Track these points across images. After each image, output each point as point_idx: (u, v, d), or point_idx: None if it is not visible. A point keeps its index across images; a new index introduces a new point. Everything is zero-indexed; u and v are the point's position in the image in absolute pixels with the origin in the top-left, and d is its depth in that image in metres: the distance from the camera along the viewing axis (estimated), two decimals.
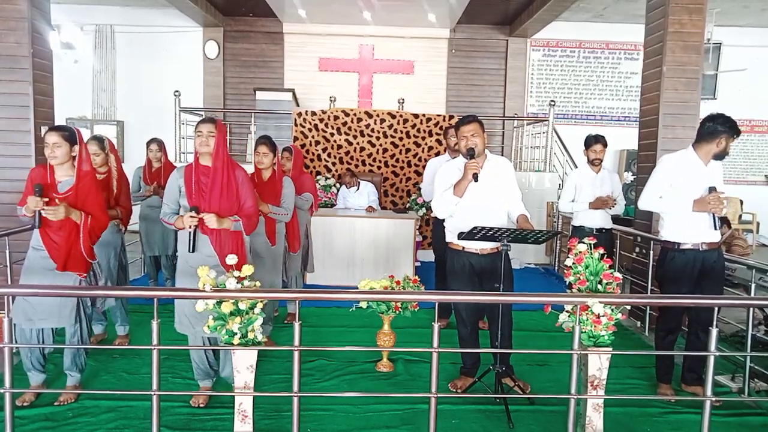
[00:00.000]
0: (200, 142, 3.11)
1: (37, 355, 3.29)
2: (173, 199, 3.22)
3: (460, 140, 3.39)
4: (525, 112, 10.51)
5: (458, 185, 3.31)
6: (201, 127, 3.12)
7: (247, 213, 3.22)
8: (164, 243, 5.35)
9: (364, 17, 9.34)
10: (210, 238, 3.15)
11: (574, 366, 2.65)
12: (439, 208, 3.45)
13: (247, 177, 3.29)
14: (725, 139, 3.35)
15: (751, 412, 3.40)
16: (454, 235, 3.41)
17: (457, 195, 3.32)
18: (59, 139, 3.12)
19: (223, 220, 3.11)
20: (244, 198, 3.23)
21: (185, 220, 3.06)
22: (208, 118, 3.21)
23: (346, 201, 6.74)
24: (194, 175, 3.15)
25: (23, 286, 3.16)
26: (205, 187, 3.13)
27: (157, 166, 5.31)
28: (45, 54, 4.75)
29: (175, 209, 3.23)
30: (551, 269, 7.40)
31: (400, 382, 3.70)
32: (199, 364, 3.30)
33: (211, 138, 3.10)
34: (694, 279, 3.44)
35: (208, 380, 3.36)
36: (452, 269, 3.51)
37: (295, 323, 2.61)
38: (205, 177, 3.15)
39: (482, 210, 3.36)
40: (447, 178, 3.45)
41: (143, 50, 10.18)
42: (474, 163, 3.25)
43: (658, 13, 4.99)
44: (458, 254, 3.46)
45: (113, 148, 4.05)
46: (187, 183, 3.16)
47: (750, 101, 10.32)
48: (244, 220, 3.20)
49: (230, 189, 3.17)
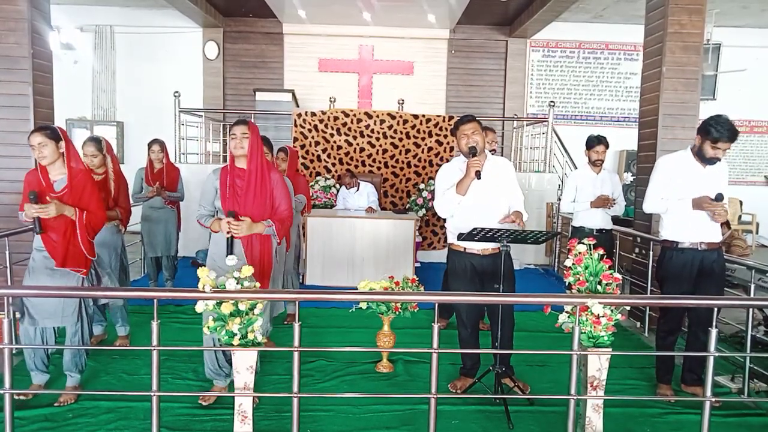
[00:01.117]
0: (234, 144, 3.13)
1: (40, 355, 3.31)
2: (209, 201, 3.24)
3: (461, 139, 3.39)
4: (525, 112, 10.51)
5: (461, 183, 3.31)
6: (235, 129, 3.14)
7: (280, 216, 3.24)
8: (166, 244, 5.36)
9: (364, 18, 9.34)
10: (242, 241, 3.17)
11: (574, 366, 2.65)
12: (441, 207, 3.45)
13: (282, 180, 3.30)
14: (699, 138, 3.33)
15: (751, 413, 3.40)
16: (455, 236, 3.42)
17: (460, 193, 3.32)
18: (43, 138, 3.12)
19: (254, 225, 3.12)
20: (278, 201, 3.24)
21: (223, 225, 3.08)
22: (242, 120, 3.22)
23: (346, 202, 6.74)
24: (230, 178, 3.16)
25: (26, 287, 3.17)
26: (240, 190, 3.15)
27: (158, 166, 5.31)
28: (45, 54, 4.75)
29: (212, 211, 3.26)
30: (551, 270, 7.40)
31: (400, 382, 3.70)
32: (209, 363, 3.31)
33: (245, 140, 3.12)
34: (693, 278, 3.43)
35: (221, 380, 3.35)
36: (454, 270, 3.51)
37: (295, 324, 2.61)
38: (240, 179, 3.16)
39: (484, 209, 3.36)
40: (448, 178, 3.45)
41: (143, 51, 10.18)
42: (476, 160, 3.26)
43: (657, 14, 5.00)
44: (460, 255, 3.45)
45: (110, 149, 4.06)
46: (222, 185, 3.18)
47: (749, 102, 10.33)
48: (277, 224, 3.21)
49: (264, 192, 3.19)
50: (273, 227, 3.20)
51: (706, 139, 3.28)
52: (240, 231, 3.07)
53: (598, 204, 4.74)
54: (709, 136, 3.26)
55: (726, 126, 3.23)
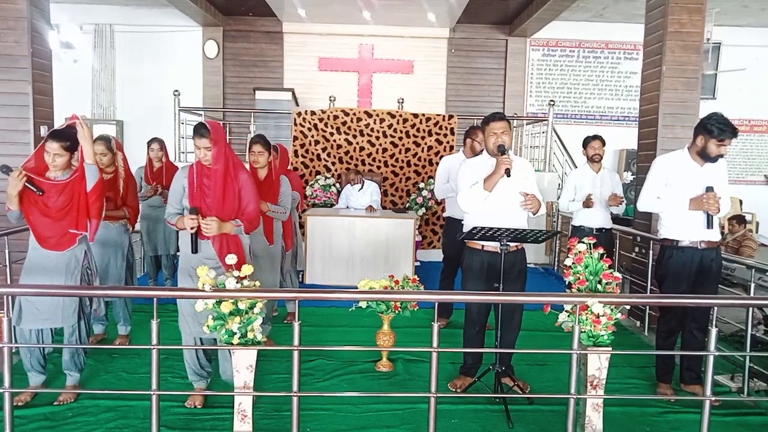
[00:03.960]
0: (200, 155, 3.09)
1: (37, 355, 3.29)
2: (177, 200, 3.21)
3: (489, 137, 3.36)
4: (524, 111, 10.51)
5: (489, 179, 3.29)
6: (197, 141, 3.07)
7: (248, 217, 3.21)
8: (166, 243, 5.35)
9: (364, 17, 9.34)
10: (213, 241, 3.14)
11: (574, 366, 2.65)
12: (467, 202, 3.39)
13: (250, 179, 3.26)
14: (703, 138, 3.33)
15: (751, 412, 3.40)
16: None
17: (488, 189, 3.30)
18: (60, 150, 3.13)
19: (223, 225, 3.10)
20: (246, 201, 3.21)
21: (186, 222, 3.05)
22: (203, 130, 3.05)
23: (349, 199, 6.72)
24: (197, 176, 3.14)
25: (24, 286, 3.16)
26: (207, 189, 3.13)
27: (158, 165, 5.31)
28: (44, 53, 4.75)
29: (179, 209, 3.21)
30: (551, 269, 7.40)
31: (400, 381, 3.70)
32: (191, 364, 3.29)
33: (208, 152, 3.07)
34: (693, 277, 3.44)
35: (202, 381, 3.34)
36: (470, 267, 3.48)
37: (295, 323, 2.61)
38: (207, 179, 3.13)
39: (506, 207, 3.35)
40: (474, 174, 3.41)
41: (143, 50, 10.18)
42: (507, 158, 3.24)
43: (657, 13, 4.99)
44: (476, 253, 3.43)
45: (120, 148, 4.05)
46: (189, 183, 3.15)
47: (749, 101, 10.33)
48: (245, 224, 3.19)
49: (232, 191, 3.16)
50: (242, 227, 3.17)
51: (711, 138, 3.28)
52: (210, 230, 3.05)
53: (586, 204, 4.75)
54: (713, 135, 3.27)
55: (727, 122, 3.26)
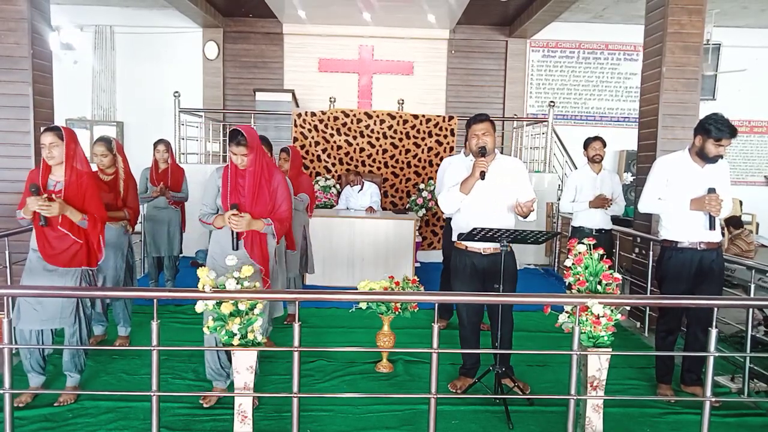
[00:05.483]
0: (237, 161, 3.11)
1: (36, 356, 3.29)
2: (212, 199, 3.24)
3: (471, 138, 3.39)
4: (524, 112, 10.51)
5: (465, 182, 3.32)
6: (234, 149, 3.08)
7: (279, 216, 3.23)
8: (170, 244, 5.35)
9: (364, 18, 9.34)
10: (244, 240, 3.16)
11: (574, 366, 2.65)
12: (445, 203, 3.45)
13: (284, 181, 3.30)
14: (701, 138, 3.33)
15: (751, 413, 3.40)
16: (457, 234, 3.43)
17: (463, 192, 3.33)
18: (55, 139, 3.11)
19: (254, 222, 3.11)
20: (279, 201, 3.24)
21: (226, 218, 3.07)
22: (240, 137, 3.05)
23: (349, 201, 6.73)
24: (232, 176, 3.16)
25: (24, 287, 3.16)
26: (242, 189, 3.15)
27: (164, 167, 5.31)
28: (45, 55, 4.75)
29: (214, 209, 3.25)
30: (551, 270, 7.40)
31: (400, 382, 3.70)
32: (211, 363, 3.31)
33: (245, 158, 3.10)
34: (692, 278, 3.44)
35: (221, 381, 3.34)
36: (456, 268, 3.51)
37: (295, 324, 2.61)
38: (242, 179, 3.16)
39: (486, 209, 3.36)
40: (456, 175, 3.45)
41: (143, 51, 10.18)
42: (483, 161, 3.26)
43: (657, 14, 5.00)
44: (462, 253, 3.46)
45: (120, 149, 4.05)
46: (224, 183, 3.18)
47: (749, 102, 10.33)
48: (276, 224, 3.21)
49: (266, 191, 3.18)
50: (272, 226, 3.19)
51: (709, 138, 3.28)
52: (239, 225, 3.06)
53: (596, 204, 4.74)
54: (711, 135, 3.27)
55: (725, 122, 3.25)
